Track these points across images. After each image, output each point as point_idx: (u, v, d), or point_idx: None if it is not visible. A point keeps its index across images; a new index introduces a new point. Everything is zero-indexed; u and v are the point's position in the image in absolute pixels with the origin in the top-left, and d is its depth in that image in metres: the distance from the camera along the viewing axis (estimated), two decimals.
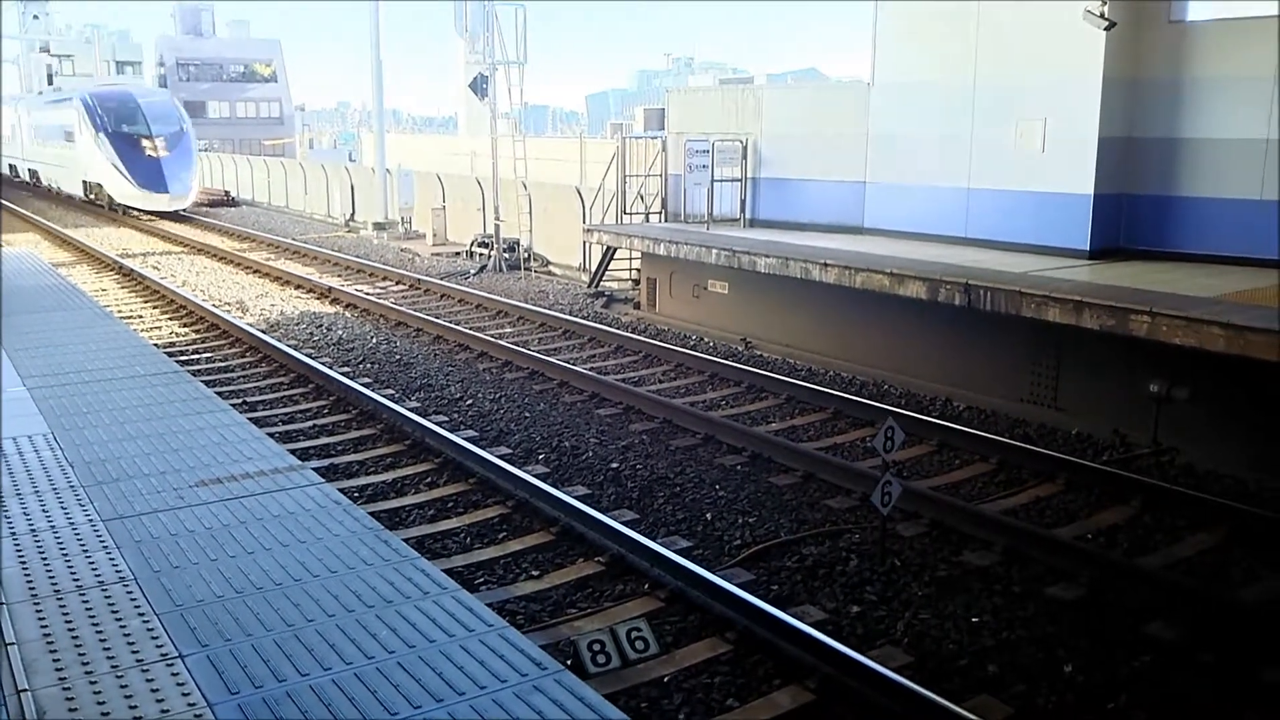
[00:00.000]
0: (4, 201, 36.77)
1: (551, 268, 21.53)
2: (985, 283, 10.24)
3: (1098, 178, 12.01)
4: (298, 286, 18.41)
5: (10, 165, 47.84)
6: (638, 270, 17.13)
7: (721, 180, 16.06)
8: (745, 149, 16.11)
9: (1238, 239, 11.45)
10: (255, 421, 8.26)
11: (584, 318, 15.67)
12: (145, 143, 31.70)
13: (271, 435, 7.33)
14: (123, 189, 31.56)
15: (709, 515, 7.86)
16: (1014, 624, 6.16)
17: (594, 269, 18.71)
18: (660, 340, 13.88)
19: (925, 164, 13.95)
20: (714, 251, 13.67)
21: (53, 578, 4.28)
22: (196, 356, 13.17)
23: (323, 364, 12.26)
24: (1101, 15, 11.37)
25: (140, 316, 15.95)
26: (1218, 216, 11.67)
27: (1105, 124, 11.91)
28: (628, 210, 18.25)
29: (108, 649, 3.70)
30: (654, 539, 7.07)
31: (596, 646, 5.51)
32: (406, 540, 6.06)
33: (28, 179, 44.64)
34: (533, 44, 21.90)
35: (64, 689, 3.44)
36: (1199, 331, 8.43)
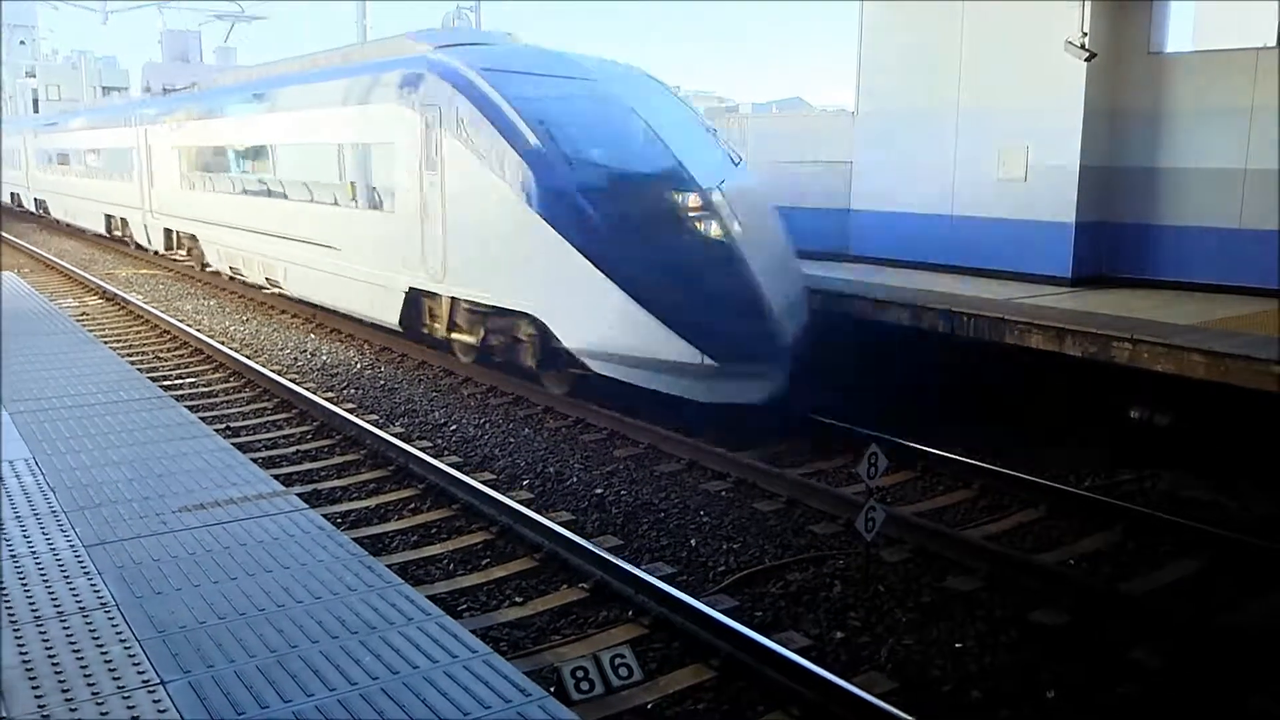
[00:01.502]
0: None
1: None
2: (967, 309, 10.32)
3: (1079, 206, 12.15)
4: (283, 311, 18.37)
5: (109, 217, 28.06)
6: None
7: None
8: None
9: (1217, 266, 11.60)
10: (239, 447, 8.22)
11: None
12: (678, 204, 10.43)
13: (255, 460, 7.29)
14: (652, 348, 9.89)
15: (693, 541, 7.86)
16: (997, 650, 6.17)
17: None
18: None
19: (909, 191, 14.08)
20: None
21: (33, 604, 4.25)
22: (180, 382, 13.11)
23: (306, 389, 12.23)
24: (1082, 46, 11.54)
25: (124, 341, 15.88)
26: (1197, 244, 11.82)
27: (1086, 153, 12.06)
28: None
29: (88, 676, 3.68)
30: (638, 565, 7.07)
31: (580, 673, 5.50)
32: (390, 566, 6.03)
33: (159, 245, 24.15)
34: None
35: (44, 717, 3.42)
36: (1179, 358, 8.52)
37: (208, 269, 21.64)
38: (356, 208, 14.26)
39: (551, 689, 5.33)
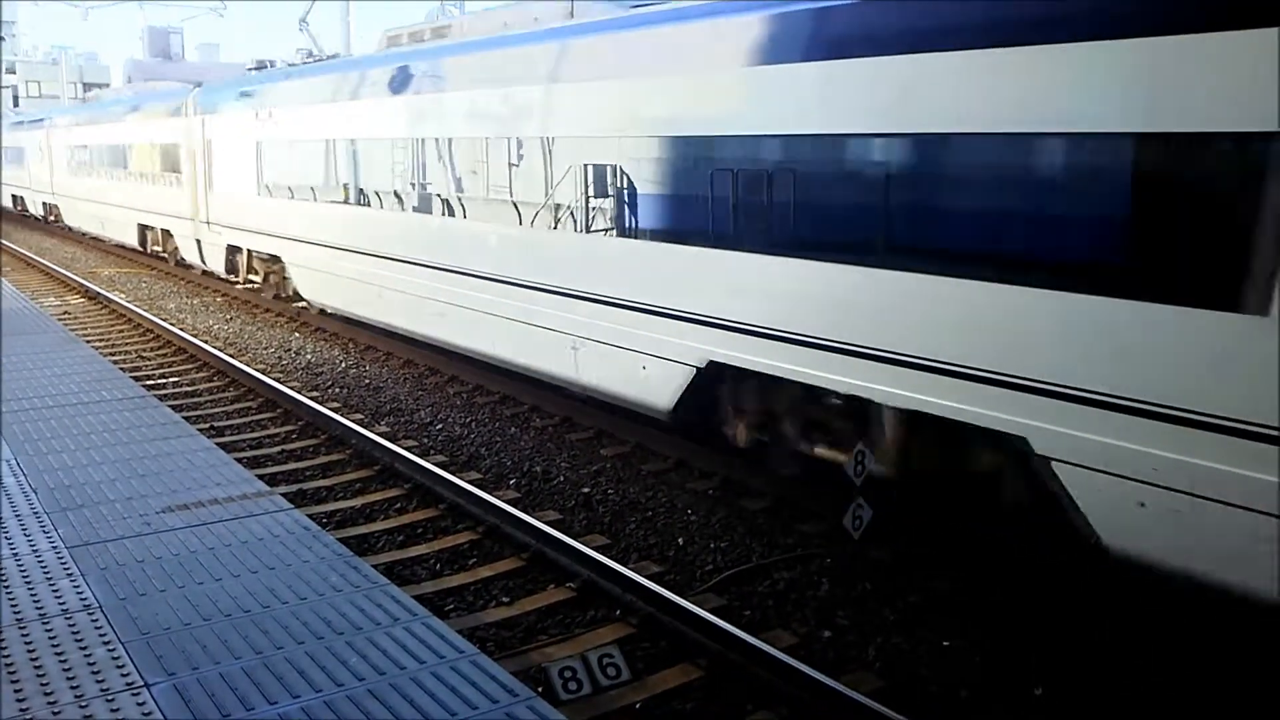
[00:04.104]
0: None
1: None
2: None
3: None
4: (266, 310, 18.29)
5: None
6: None
7: None
8: None
9: None
10: (223, 446, 8.18)
11: None
12: None
13: (239, 460, 7.26)
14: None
15: (681, 540, 7.85)
16: (984, 647, 6.18)
17: None
18: None
19: None
20: None
21: (15, 606, 4.21)
22: (164, 381, 13.03)
23: (291, 388, 12.17)
24: None
25: (106, 340, 15.78)
26: None
27: None
28: None
29: (72, 679, 3.64)
30: (625, 564, 7.06)
31: (568, 673, 5.49)
32: (376, 566, 6.00)
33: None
34: None
35: None
36: None
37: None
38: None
39: (539, 689, 5.32)
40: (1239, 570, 5.27)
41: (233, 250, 18.64)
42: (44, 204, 34.41)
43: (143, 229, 24.34)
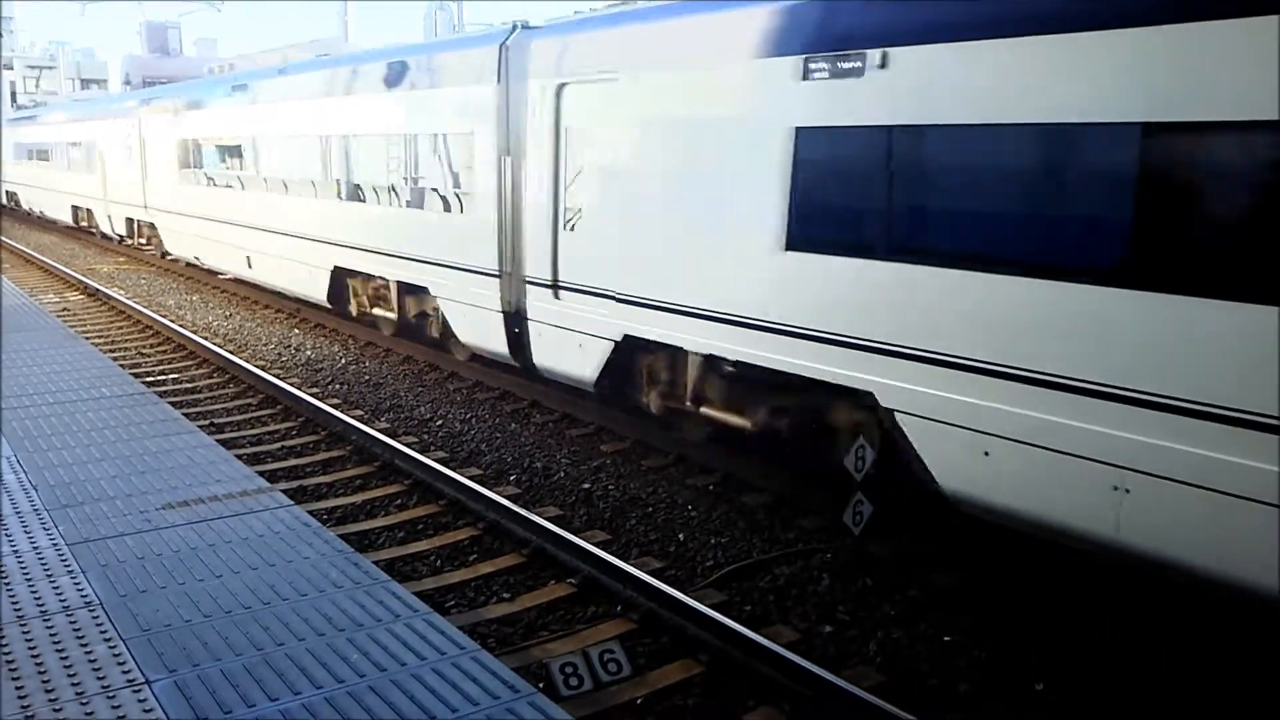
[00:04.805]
0: None
1: None
2: None
3: None
4: (266, 306, 18.28)
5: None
6: None
7: None
8: None
9: None
10: (223, 443, 8.16)
11: None
12: None
13: (240, 457, 7.27)
14: None
15: (681, 536, 7.85)
16: (985, 642, 6.18)
17: None
18: None
19: None
20: None
21: (16, 603, 4.21)
22: (163, 378, 13.02)
23: (291, 385, 12.16)
24: None
25: (106, 337, 15.77)
26: None
27: None
28: None
29: (73, 675, 3.64)
30: (626, 560, 7.06)
31: (569, 669, 5.50)
32: (377, 563, 6.00)
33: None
34: None
35: (27, 717, 3.38)
36: None
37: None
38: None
39: (540, 685, 5.32)
40: None
41: (642, 351, 9.43)
42: (129, 220, 25.23)
43: (342, 276, 14.84)
